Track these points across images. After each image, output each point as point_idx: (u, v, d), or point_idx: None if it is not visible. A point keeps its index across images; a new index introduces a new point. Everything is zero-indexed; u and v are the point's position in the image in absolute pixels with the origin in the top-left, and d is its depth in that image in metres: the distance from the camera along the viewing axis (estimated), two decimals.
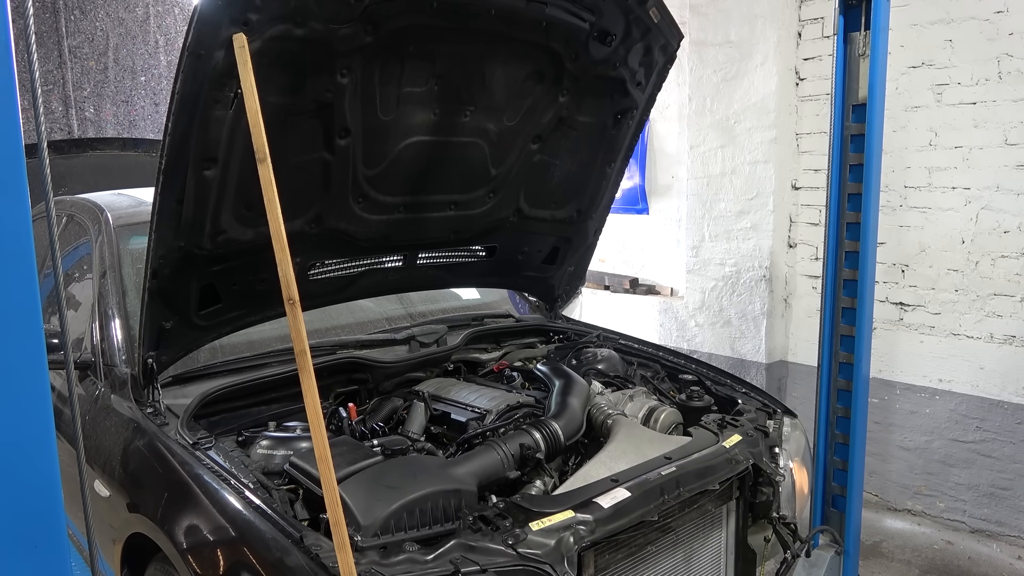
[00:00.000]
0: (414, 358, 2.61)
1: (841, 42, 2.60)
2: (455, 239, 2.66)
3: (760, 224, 4.33)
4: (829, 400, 2.80)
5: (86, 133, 5.73)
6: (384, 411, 2.37)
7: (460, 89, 2.21)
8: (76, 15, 5.69)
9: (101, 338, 2.42)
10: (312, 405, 1.54)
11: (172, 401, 2.17)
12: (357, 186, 2.22)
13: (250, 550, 1.63)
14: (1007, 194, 3.49)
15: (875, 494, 4.02)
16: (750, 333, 4.45)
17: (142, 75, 6.06)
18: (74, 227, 2.92)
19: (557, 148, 2.59)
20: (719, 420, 2.34)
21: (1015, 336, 3.53)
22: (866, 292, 2.64)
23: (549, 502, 1.80)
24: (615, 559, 1.84)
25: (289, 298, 1.57)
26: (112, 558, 2.12)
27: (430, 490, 1.72)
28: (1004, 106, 3.45)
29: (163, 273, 1.99)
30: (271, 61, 1.79)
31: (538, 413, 2.25)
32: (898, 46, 3.64)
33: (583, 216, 2.88)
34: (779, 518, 2.22)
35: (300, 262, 2.27)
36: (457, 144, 2.35)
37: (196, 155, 1.85)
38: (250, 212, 2.01)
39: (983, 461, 3.62)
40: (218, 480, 1.79)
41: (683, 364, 2.80)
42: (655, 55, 2.47)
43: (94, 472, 2.14)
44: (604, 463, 2.00)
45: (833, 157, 2.67)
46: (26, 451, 1.18)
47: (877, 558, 3.50)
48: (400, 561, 1.56)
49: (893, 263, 3.88)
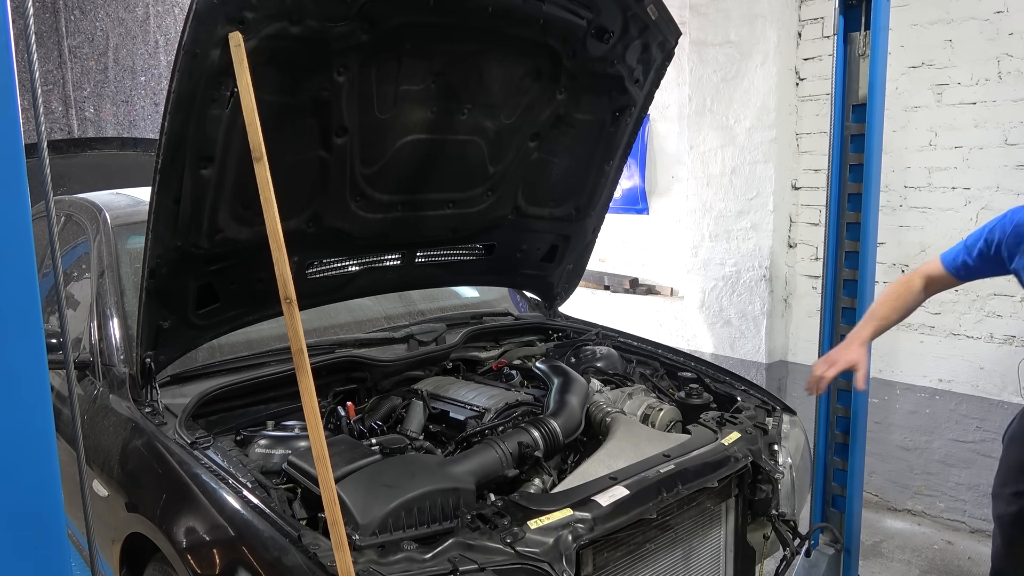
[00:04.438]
0: (413, 356, 2.61)
1: (841, 42, 2.60)
2: (453, 237, 2.66)
3: (760, 224, 4.33)
4: (829, 400, 2.80)
5: (86, 133, 5.73)
6: (382, 410, 2.37)
7: (458, 87, 2.21)
8: (76, 15, 5.69)
9: (99, 338, 2.42)
10: (310, 404, 1.54)
11: (170, 400, 2.16)
12: (355, 185, 2.22)
13: (248, 549, 1.63)
14: (1007, 194, 3.48)
15: (875, 494, 4.01)
16: (750, 333, 4.45)
17: (142, 75, 6.06)
18: (72, 227, 2.91)
19: (555, 146, 2.59)
20: (718, 418, 2.34)
21: (1015, 336, 3.52)
22: (866, 292, 2.64)
23: (547, 500, 1.80)
24: (614, 557, 1.84)
25: (286, 297, 1.57)
26: (111, 558, 2.12)
27: (428, 489, 1.72)
28: (1004, 106, 3.45)
29: (161, 272, 1.99)
30: (267, 59, 1.78)
31: (537, 411, 2.25)
32: (898, 46, 3.63)
33: (582, 214, 2.88)
34: (778, 515, 2.22)
35: (298, 261, 2.26)
36: (455, 142, 2.34)
37: (193, 154, 1.85)
38: (247, 211, 2.01)
39: (983, 461, 3.61)
40: (216, 479, 1.79)
41: (682, 362, 2.80)
42: (653, 52, 2.47)
43: (92, 472, 2.14)
44: (603, 461, 2.00)
45: (833, 157, 2.67)
46: (26, 451, 1.18)
47: (877, 558, 3.50)
48: (398, 560, 1.56)
49: (893, 263, 3.88)
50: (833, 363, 2.23)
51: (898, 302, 2.27)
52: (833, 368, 2.22)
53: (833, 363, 2.23)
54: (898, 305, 2.27)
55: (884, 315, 2.27)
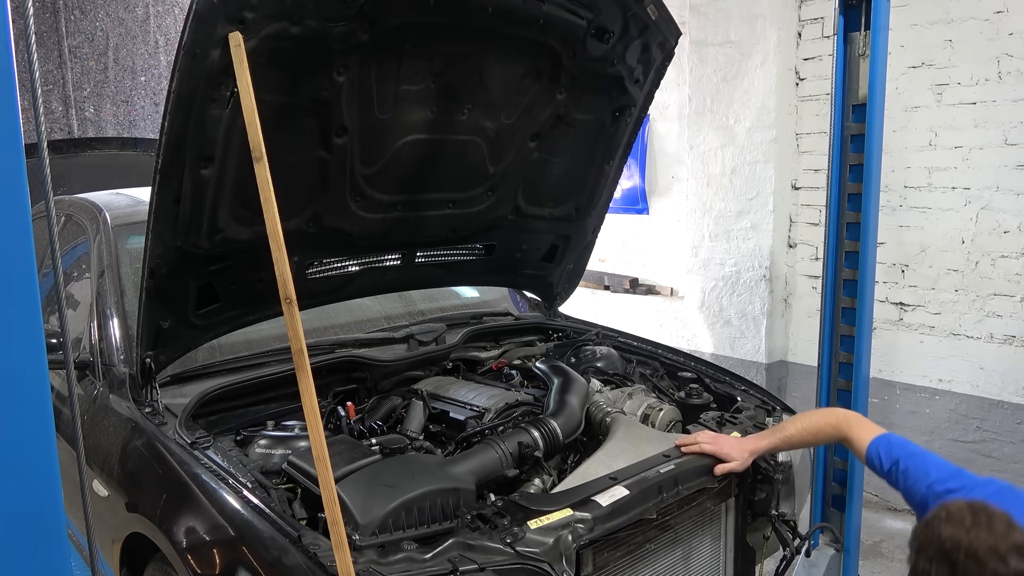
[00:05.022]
0: (413, 356, 2.61)
1: (841, 42, 2.60)
2: (453, 237, 2.66)
3: (760, 224, 4.33)
4: (829, 400, 2.80)
5: (86, 133, 5.73)
6: (383, 410, 2.36)
7: (458, 87, 2.21)
8: (76, 15, 5.69)
9: (99, 338, 2.42)
10: (309, 404, 1.54)
11: (170, 400, 2.16)
12: (355, 185, 2.22)
13: (248, 549, 1.63)
14: (1007, 194, 3.48)
15: (875, 494, 4.01)
16: (750, 333, 4.45)
17: (142, 75, 6.06)
18: (72, 227, 2.91)
19: (555, 146, 2.59)
20: (718, 418, 2.34)
21: (1015, 336, 3.52)
22: (866, 292, 2.64)
23: (547, 500, 1.80)
24: (614, 557, 1.84)
25: (286, 297, 1.57)
26: (111, 558, 2.12)
27: (428, 489, 1.71)
28: (1004, 106, 3.45)
29: (161, 272, 1.99)
30: (267, 60, 1.78)
31: (537, 411, 2.25)
32: (898, 46, 3.63)
33: (582, 214, 2.88)
34: (778, 515, 2.22)
35: (298, 261, 2.26)
36: (455, 142, 2.34)
37: (193, 154, 1.85)
38: (247, 211, 2.01)
39: (983, 461, 3.61)
40: (216, 479, 1.79)
41: (682, 361, 2.80)
42: (653, 52, 2.47)
43: (92, 472, 2.14)
44: (603, 461, 2.00)
45: (833, 157, 2.67)
46: (26, 451, 1.18)
47: (877, 558, 3.50)
48: (398, 560, 1.55)
49: (893, 263, 3.88)
50: (710, 444, 2.06)
51: (814, 435, 2.00)
52: (700, 448, 2.05)
53: (710, 444, 2.06)
54: (808, 437, 2.02)
55: (790, 435, 2.03)
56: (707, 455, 2.04)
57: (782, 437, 2.04)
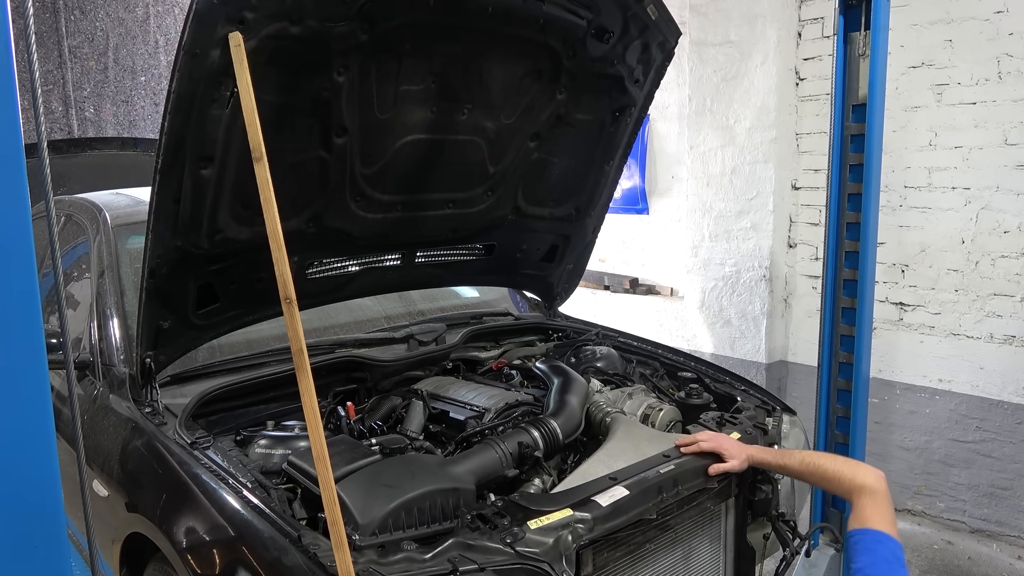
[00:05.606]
0: (413, 356, 2.61)
1: (841, 42, 2.60)
2: (453, 237, 2.66)
3: (760, 224, 4.33)
4: (829, 400, 2.80)
5: (86, 133, 5.73)
6: (383, 410, 2.37)
7: (458, 87, 2.21)
8: (76, 15, 5.69)
9: (99, 338, 2.42)
10: (309, 404, 1.54)
11: (170, 401, 2.16)
12: (354, 185, 2.22)
13: (248, 549, 1.63)
14: (1007, 194, 3.48)
15: None
16: (750, 333, 4.45)
17: (142, 75, 6.06)
18: (72, 227, 2.91)
19: (555, 146, 2.59)
20: (718, 418, 2.34)
21: (1015, 336, 3.52)
22: (866, 292, 2.64)
23: (547, 500, 1.79)
24: (613, 557, 1.84)
25: (286, 297, 1.57)
26: (111, 558, 2.12)
27: (428, 489, 1.71)
28: (1004, 106, 3.45)
29: (161, 272, 1.99)
30: (267, 60, 1.78)
31: (537, 411, 2.25)
32: (898, 46, 3.63)
33: (581, 214, 2.88)
34: (778, 515, 2.22)
35: (298, 261, 2.26)
36: (455, 142, 2.34)
37: (193, 154, 1.85)
38: (247, 211, 2.01)
39: (983, 461, 3.62)
40: (216, 479, 1.79)
41: (682, 362, 2.80)
42: (653, 52, 2.47)
43: (92, 472, 2.14)
44: (603, 461, 2.00)
45: (833, 157, 2.67)
46: (26, 451, 1.18)
47: None
48: (398, 560, 1.55)
49: (893, 263, 3.88)
50: (709, 441, 2.04)
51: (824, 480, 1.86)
52: (699, 447, 2.03)
53: (709, 441, 2.04)
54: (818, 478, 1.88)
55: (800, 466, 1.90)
56: (707, 455, 2.04)
57: (784, 463, 1.95)
